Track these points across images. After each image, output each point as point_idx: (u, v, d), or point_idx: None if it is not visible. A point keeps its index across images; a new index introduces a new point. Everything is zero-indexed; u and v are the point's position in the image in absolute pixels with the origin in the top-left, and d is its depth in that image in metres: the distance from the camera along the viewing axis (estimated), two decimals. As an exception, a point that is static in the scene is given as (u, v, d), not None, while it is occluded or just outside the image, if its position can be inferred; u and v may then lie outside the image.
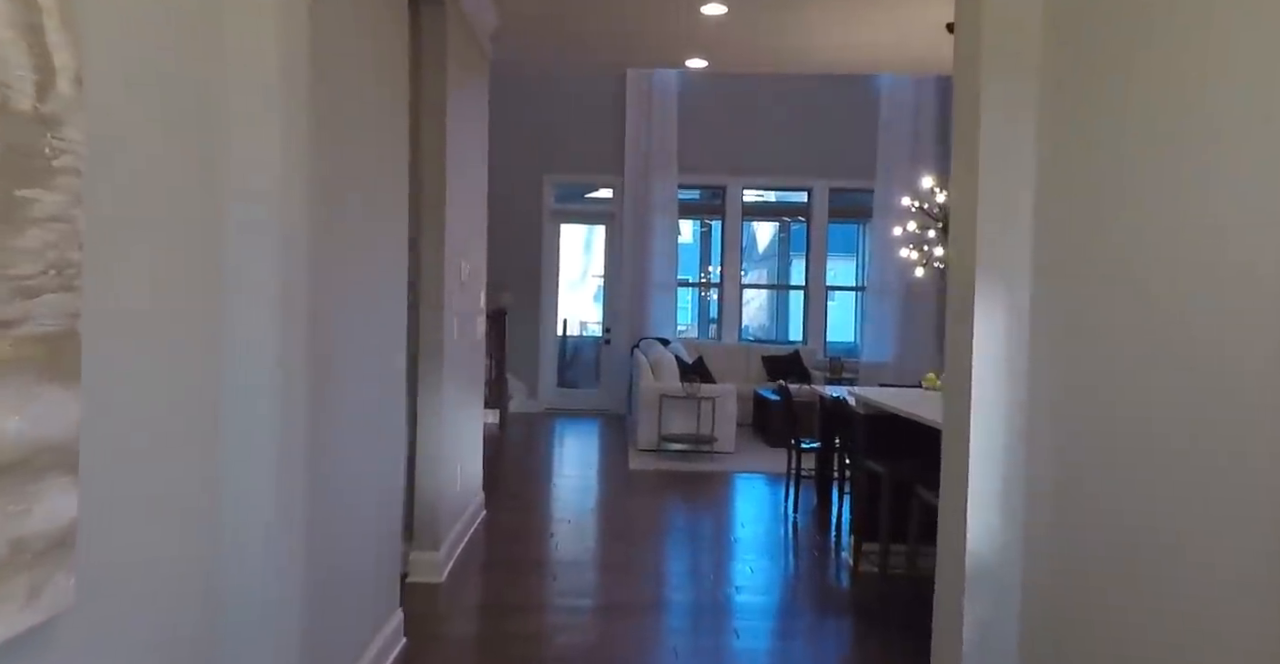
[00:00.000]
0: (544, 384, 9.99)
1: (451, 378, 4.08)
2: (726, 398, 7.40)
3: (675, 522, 5.23)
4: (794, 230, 13.37)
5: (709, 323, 12.72)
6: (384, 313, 2.81)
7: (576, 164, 9.88)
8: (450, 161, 3.98)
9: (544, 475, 6.45)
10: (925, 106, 9.76)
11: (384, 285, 2.83)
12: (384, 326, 2.81)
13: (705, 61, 5.26)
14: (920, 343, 9.91)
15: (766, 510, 5.53)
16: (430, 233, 3.86)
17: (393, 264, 2.94)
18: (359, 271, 2.52)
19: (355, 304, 2.51)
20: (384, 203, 2.82)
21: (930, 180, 5.40)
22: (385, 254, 2.84)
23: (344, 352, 2.39)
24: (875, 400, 4.02)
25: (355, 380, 2.53)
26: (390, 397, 2.93)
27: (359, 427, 2.61)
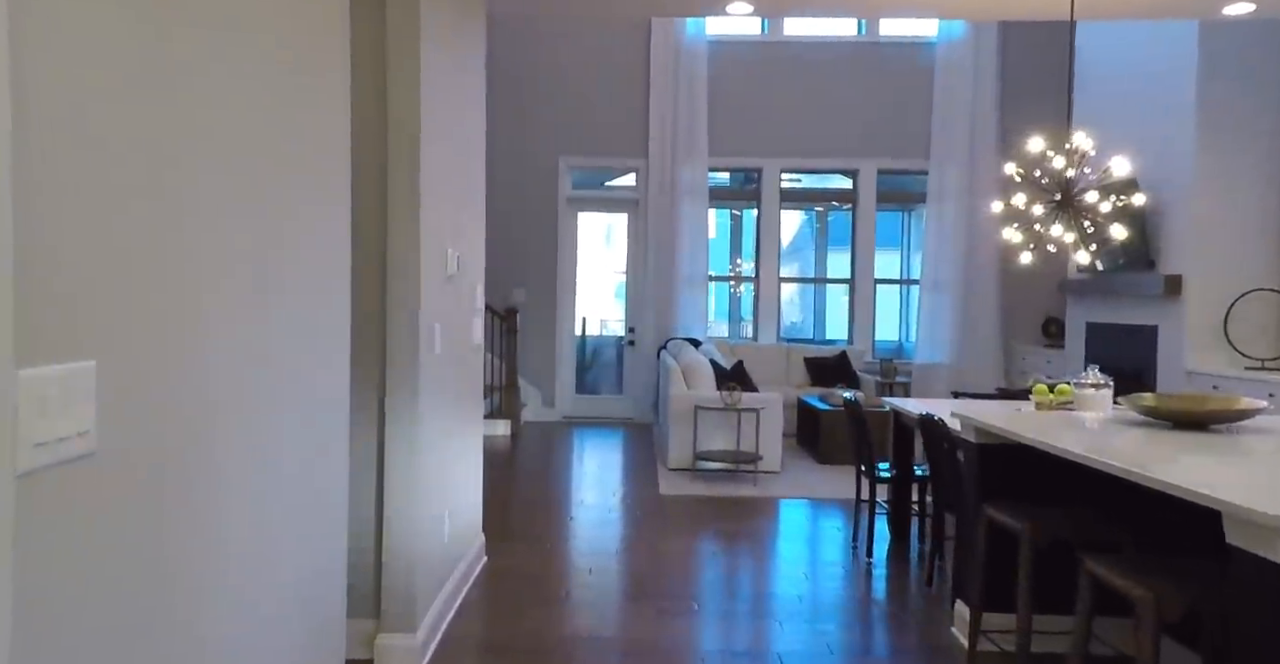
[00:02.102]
0: (561, 390, 9.01)
1: (433, 399, 3.10)
2: (771, 409, 6.38)
3: (720, 570, 4.22)
4: (832, 219, 12.34)
5: (739, 321, 11.72)
6: (301, 322, 1.82)
7: (596, 146, 8.88)
8: (429, 122, 2.99)
9: (560, 504, 5.46)
10: (985, 70, 8.67)
11: (301, 283, 1.84)
12: (302, 341, 1.82)
13: (749, 4, 4.24)
14: (981, 343, 8.84)
15: (831, 552, 4.52)
16: (400, 212, 2.88)
17: (317, 254, 1.95)
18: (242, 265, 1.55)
19: (236, 314, 1.54)
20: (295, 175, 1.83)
21: (1041, 143, 4.33)
22: (303, 241, 1.86)
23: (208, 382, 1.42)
24: (1004, 430, 2.99)
25: (243, 423, 1.56)
26: (318, 436, 1.95)
27: (259, 487, 1.65)
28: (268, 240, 1.59)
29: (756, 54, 8.86)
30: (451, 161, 3.37)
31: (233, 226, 1.44)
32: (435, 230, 3.11)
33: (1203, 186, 6.13)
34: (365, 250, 2.85)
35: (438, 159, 3.13)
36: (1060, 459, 2.77)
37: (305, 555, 1.92)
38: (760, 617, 3.54)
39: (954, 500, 3.64)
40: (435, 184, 3.09)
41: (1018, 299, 8.90)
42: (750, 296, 11.66)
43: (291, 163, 1.72)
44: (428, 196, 2.98)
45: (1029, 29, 8.74)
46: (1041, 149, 4.27)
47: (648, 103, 8.79)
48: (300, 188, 1.77)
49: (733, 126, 8.86)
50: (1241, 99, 6.09)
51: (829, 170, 9.31)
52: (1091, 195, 4.24)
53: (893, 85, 8.84)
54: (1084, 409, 3.89)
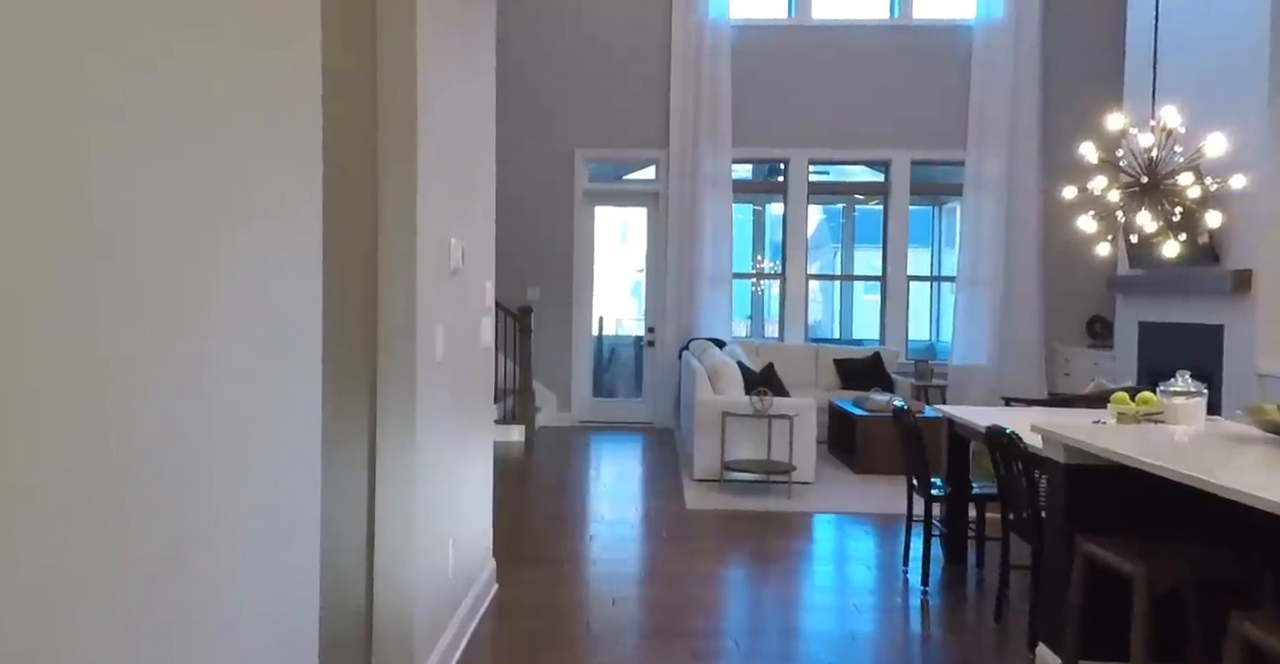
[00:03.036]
0: (577, 393, 8.58)
1: (435, 414, 2.67)
2: (805, 415, 5.92)
3: (759, 600, 3.78)
4: (857, 214, 11.86)
5: (762, 321, 11.25)
6: (255, 326, 1.40)
7: (614, 137, 8.45)
8: (426, 94, 2.57)
9: (578, 520, 5.03)
10: (1026, 53, 8.17)
11: (253, 278, 1.42)
12: (258, 347, 1.40)
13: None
14: (1022, 343, 8.34)
15: (880, 578, 4.06)
16: (393, 194, 2.45)
17: (278, 243, 1.53)
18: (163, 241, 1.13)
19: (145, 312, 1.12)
20: (238, 126, 1.41)
21: (1121, 120, 3.84)
22: (255, 218, 1.43)
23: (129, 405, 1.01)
24: (1104, 450, 2.52)
25: (155, 459, 1.14)
26: (283, 463, 1.53)
27: (196, 529, 1.23)
28: (202, 215, 1.16)
29: (783, 38, 8.40)
30: (456, 143, 2.94)
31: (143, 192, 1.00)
32: (436, 218, 2.68)
33: (1276, 172, 5.62)
34: (351, 238, 2.43)
35: (439, 137, 2.70)
36: (1168, 483, 2.31)
37: (281, 601, 1.49)
38: (810, 660, 3.09)
39: (1030, 527, 3.18)
40: (436, 165, 2.66)
41: (1060, 297, 8.40)
42: (771, 295, 11.22)
43: (233, 110, 1.29)
44: (427, 178, 2.55)
45: (1073, 8, 8.23)
46: (1122, 127, 3.79)
47: (668, 91, 8.34)
48: (246, 145, 1.34)
49: (758, 115, 8.40)
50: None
51: (860, 161, 8.85)
52: (1185, 177, 3.76)
53: (927, 70, 8.36)
54: (1174, 421, 3.43)
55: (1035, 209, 8.27)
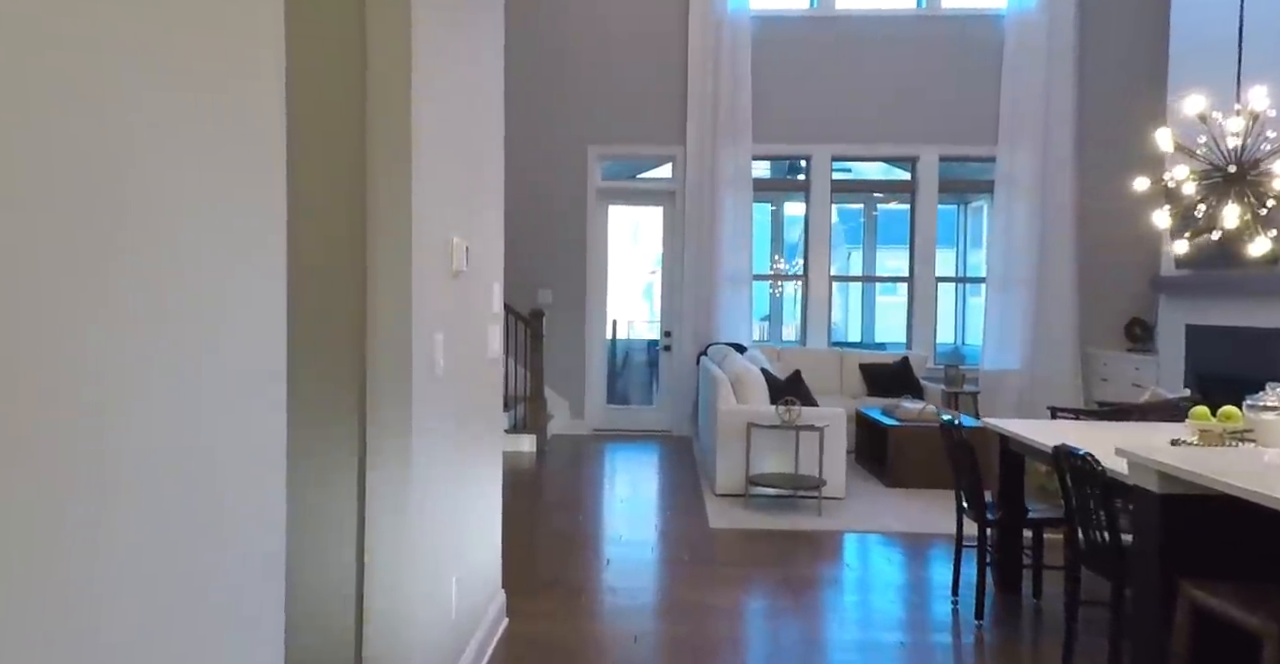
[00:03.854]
0: (591, 400, 8.23)
1: (434, 435, 2.33)
2: (835, 426, 5.56)
3: (797, 637, 3.42)
4: (878, 213, 11.48)
5: (780, 324, 10.88)
6: (194, 338, 1.05)
7: (628, 133, 8.10)
8: (422, 77, 2.23)
9: (593, 540, 4.68)
10: (1061, 44, 7.79)
11: (190, 285, 1.07)
12: (210, 361, 1.05)
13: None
14: (1056, 347, 7.95)
15: (930, 610, 3.70)
16: (385, 183, 2.11)
17: (230, 240, 1.18)
18: None
19: None
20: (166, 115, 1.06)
21: (1201, 102, 3.45)
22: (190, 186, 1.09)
23: None
24: (1216, 480, 2.15)
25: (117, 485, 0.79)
26: (233, 498, 1.19)
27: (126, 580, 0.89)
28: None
29: (805, 29, 8.04)
30: (458, 133, 2.60)
31: None
32: (435, 214, 2.34)
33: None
34: (334, 235, 2.09)
35: (438, 125, 2.36)
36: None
37: None
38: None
39: (1109, 562, 2.82)
40: (435, 155, 2.32)
41: (1096, 299, 8.00)
42: (790, 297, 10.84)
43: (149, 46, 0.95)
44: (424, 169, 2.21)
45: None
46: (1202, 110, 3.40)
47: (685, 85, 7.99)
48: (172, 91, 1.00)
49: (779, 110, 8.04)
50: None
51: (886, 157, 8.47)
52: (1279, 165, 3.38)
53: (956, 63, 7.98)
54: (1266, 440, 3.05)
55: (1070, 207, 7.89)
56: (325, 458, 2.10)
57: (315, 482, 2.08)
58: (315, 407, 2.07)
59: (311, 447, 2.09)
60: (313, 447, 2.09)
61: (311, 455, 2.07)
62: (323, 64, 2.11)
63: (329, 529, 2.11)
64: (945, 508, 5.39)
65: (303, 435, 2.05)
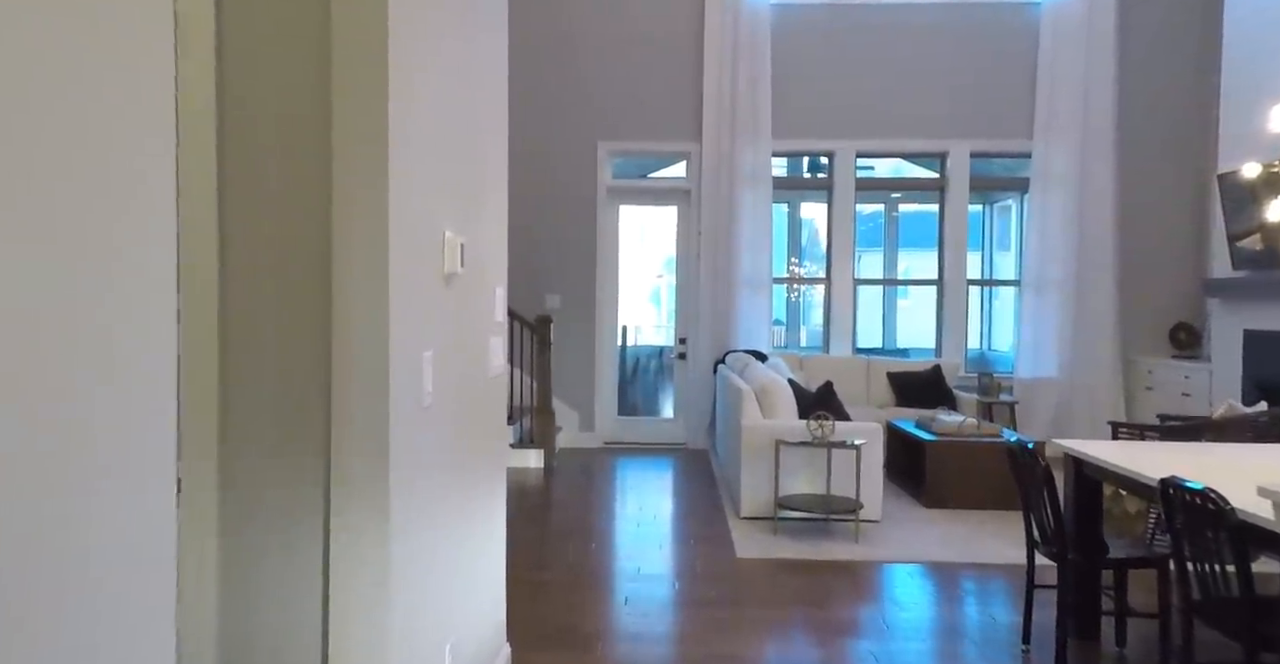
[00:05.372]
0: (602, 411, 7.77)
1: (420, 476, 1.86)
2: (872, 442, 5.08)
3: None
4: (899, 214, 11.00)
5: (798, 330, 10.41)
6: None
7: (641, 128, 7.65)
8: (400, 38, 1.78)
9: (608, 575, 4.20)
10: (1100, 34, 7.31)
11: None
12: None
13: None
14: (1096, 354, 7.46)
15: (995, 662, 3.21)
16: (352, 169, 1.64)
17: (89, 238, 0.68)
18: None
19: None
20: None
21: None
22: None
23: None
24: None
25: None
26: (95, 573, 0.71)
27: None
28: None
29: (827, 19, 7.58)
30: (452, 114, 2.14)
31: None
32: (421, 205, 1.88)
33: None
34: (288, 225, 1.62)
35: (425, 102, 1.91)
36: None
37: None
38: None
39: (1234, 618, 2.34)
40: (420, 137, 1.87)
41: (1139, 302, 7.52)
42: (809, 302, 10.36)
43: None
44: (407, 148, 1.75)
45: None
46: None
47: (701, 78, 7.53)
48: None
49: (800, 104, 7.58)
50: None
51: (913, 153, 7.99)
52: None
53: (989, 54, 7.51)
54: None
55: (1110, 204, 7.41)
56: (279, 522, 1.64)
57: (266, 552, 1.62)
58: (265, 457, 1.61)
59: (260, 509, 1.62)
60: (262, 509, 1.63)
61: (259, 520, 1.61)
62: (275, 25, 1.65)
63: (290, 611, 1.64)
64: (992, 532, 4.91)
65: (246, 496, 1.59)
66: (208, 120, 1.61)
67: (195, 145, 1.60)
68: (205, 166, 1.60)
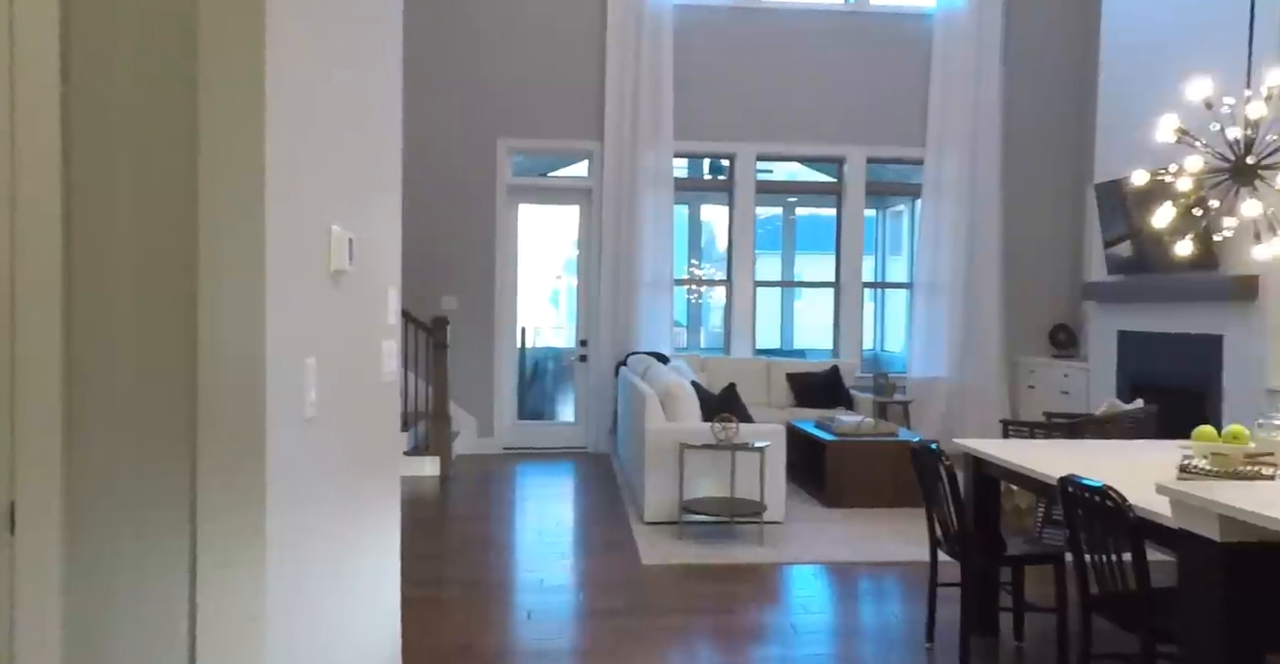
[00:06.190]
0: (500, 416, 7.58)
1: (303, 497, 1.69)
2: (775, 444, 5.08)
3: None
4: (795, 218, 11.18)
5: (699, 331, 10.44)
6: None
7: (542, 126, 7.50)
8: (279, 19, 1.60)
9: (510, 587, 4.05)
10: (988, 46, 7.58)
11: None
12: None
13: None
14: (984, 354, 7.72)
15: (901, 662, 3.22)
16: (221, 153, 1.47)
17: None
18: None
19: None
20: None
21: (1209, 87, 3.07)
22: None
23: None
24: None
25: None
26: None
27: None
28: None
29: (729, 22, 7.60)
30: (336, 93, 1.98)
31: None
32: (307, 195, 1.71)
33: None
34: (149, 216, 1.44)
35: (307, 77, 1.74)
36: None
37: None
38: None
39: (1140, 617, 2.38)
40: (304, 114, 1.70)
41: (1022, 305, 7.83)
42: (709, 304, 10.40)
43: None
44: (284, 129, 1.58)
45: None
46: (1206, 96, 3.03)
47: (603, 75, 7.44)
48: None
49: (702, 106, 7.57)
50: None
51: (812, 157, 8.10)
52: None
53: (885, 62, 7.68)
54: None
55: (996, 212, 7.69)
56: (134, 553, 1.44)
57: (119, 589, 1.43)
58: (119, 480, 1.41)
59: (112, 540, 1.43)
60: (114, 540, 1.43)
61: (110, 553, 1.41)
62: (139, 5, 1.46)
63: (148, 656, 1.45)
64: (891, 531, 4.99)
65: (96, 524, 1.39)
66: (50, 96, 1.41)
67: (34, 124, 1.40)
68: (46, 148, 1.40)
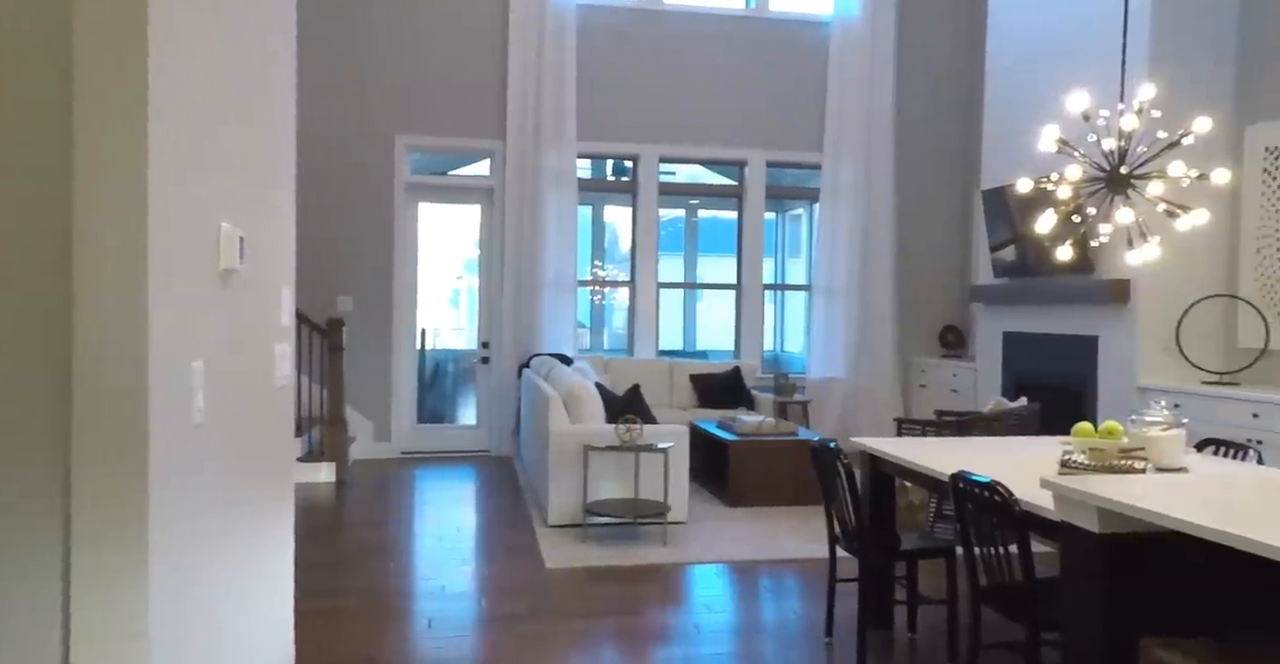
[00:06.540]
0: (399, 420, 7.39)
1: (190, 514, 1.60)
2: (678, 444, 5.12)
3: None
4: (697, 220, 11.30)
5: (603, 332, 10.43)
6: None
7: (442, 123, 7.36)
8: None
9: (408, 595, 3.95)
10: (881, 54, 7.83)
11: None
12: None
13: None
14: (879, 355, 7.97)
15: (802, 658, 3.28)
16: (104, 139, 1.37)
17: None
18: None
19: None
20: None
21: (1086, 99, 3.24)
22: None
23: None
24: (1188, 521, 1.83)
25: None
26: None
27: None
28: None
29: (632, 23, 7.62)
30: (226, 83, 1.88)
31: None
32: (195, 190, 1.62)
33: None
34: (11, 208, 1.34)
35: (193, 65, 1.65)
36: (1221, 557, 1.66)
37: None
38: None
39: (1024, 607, 2.49)
40: (189, 103, 1.60)
41: (913, 306, 8.12)
42: (612, 305, 10.41)
43: None
44: (169, 121, 1.49)
45: (929, 7, 7.98)
46: (1084, 109, 3.20)
47: (505, 73, 7.35)
48: None
49: (606, 106, 7.57)
50: (1193, 66, 5.39)
51: (714, 160, 8.19)
52: (1176, 167, 3.23)
53: (785, 67, 7.84)
54: (1157, 458, 2.86)
55: (890, 216, 7.95)
56: (3, 563, 1.34)
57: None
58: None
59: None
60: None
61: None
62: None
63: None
64: (791, 528, 5.09)
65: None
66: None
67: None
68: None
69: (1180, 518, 1.83)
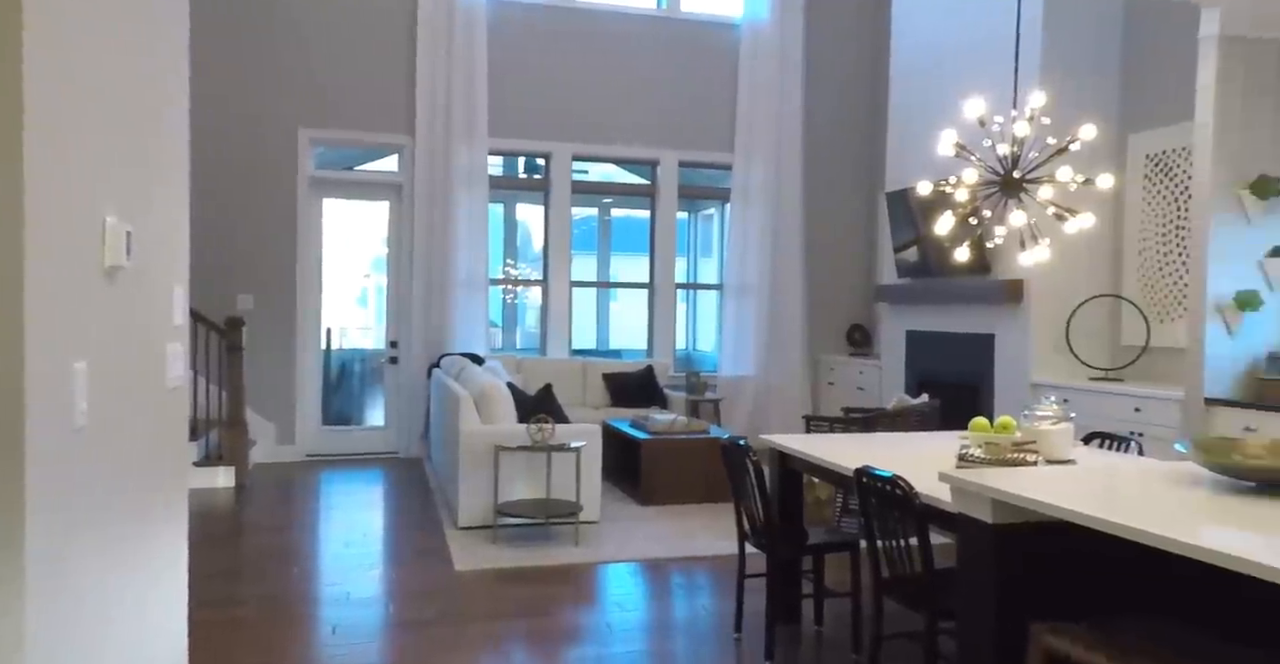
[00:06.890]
0: (303, 421, 7.17)
1: (72, 525, 1.51)
2: (591, 443, 5.11)
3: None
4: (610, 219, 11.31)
5: (515, 331, 10.34)
6: None
7: (348, 117, 7.17)
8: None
9: (312, 602, 3.83)
10: (790, 57, 7.98)
11: None
12: None
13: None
14: (788, 353, 8.12)
15: (711, 654, 3.32)
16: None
17: None
18: None
19: None
20: None
21: (982, 106, 3.36)
22: None
23: None
24: (1076, 512, 1.92)
25: None
26: None
27: None
28: None
29: (544, 20, 7.57)
30: (111, 69, 1.78)
31: None
32: (78, 183, 1.53)
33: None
34: None
35: (77, 56, 1.55)
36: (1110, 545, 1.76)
37: None
38: None
39: (926, 597, 2.58)
40: (69, 94, 1.51)
41: (821, 305, 8.31)
42: (525, 304, 10.33)
43: None
44: (47, 109, 1.40)
45: (835, 11, 8.17)
46: (980, 115, 3.33)
47: (414, 67, 7.21)
48: None
49: (517, 103, 7.50)
50: (1080, 76, 5.67)
51: (626, 159, 8.21)
52: (1064, 173, 3.37)
53: (697, 68, 7.91)
54: (1047, 451, 3.00)
55: (799, 217, 8.11)
56: None
57: None
58: None
59: None
60: None
61: None
62: None
63: None
64: (702, 526, 5.14)
65: None
66: None
67: None
68: None
69: (1068, 508, 1.91)
